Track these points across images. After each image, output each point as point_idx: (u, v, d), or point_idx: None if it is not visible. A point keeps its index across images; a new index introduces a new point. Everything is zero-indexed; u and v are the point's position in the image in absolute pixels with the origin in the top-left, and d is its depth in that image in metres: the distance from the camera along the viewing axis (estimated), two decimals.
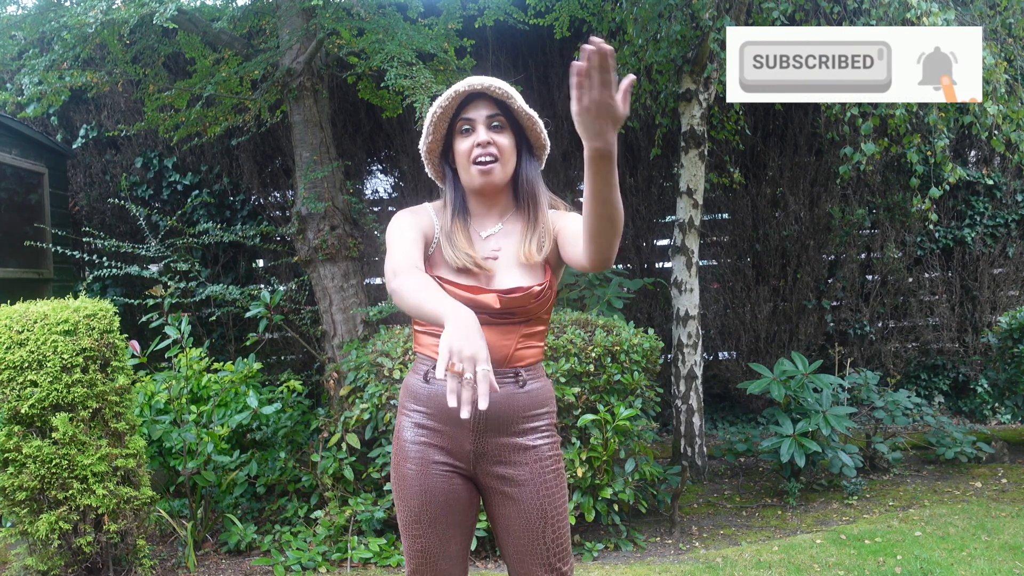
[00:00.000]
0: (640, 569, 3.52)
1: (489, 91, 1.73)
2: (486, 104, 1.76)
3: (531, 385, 1.79)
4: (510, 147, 1.77)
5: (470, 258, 1.73)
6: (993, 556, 3.55)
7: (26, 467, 3.09)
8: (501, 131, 1.76)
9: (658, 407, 4.10)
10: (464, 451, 1.77)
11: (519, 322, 1.76)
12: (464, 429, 1.75)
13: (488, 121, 1.75)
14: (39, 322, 3.15)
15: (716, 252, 6.38)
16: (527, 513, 1.77)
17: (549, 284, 1.77)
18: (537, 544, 1.78)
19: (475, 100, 1.76)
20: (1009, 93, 4.11)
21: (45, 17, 4.12)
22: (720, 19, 4.27)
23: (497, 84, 1.74)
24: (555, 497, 1.80)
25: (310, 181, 4.45)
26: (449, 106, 1.75)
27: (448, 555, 1.78)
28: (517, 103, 1.75)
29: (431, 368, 1.77)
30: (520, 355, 1.78)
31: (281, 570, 3.52)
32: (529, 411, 1.79)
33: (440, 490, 1.76)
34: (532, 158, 1.84)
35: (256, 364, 4.34)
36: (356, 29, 4.33)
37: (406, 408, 1.82)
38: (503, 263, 1.77)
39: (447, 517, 1.77)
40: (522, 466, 1.78)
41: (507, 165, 1.77)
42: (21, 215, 5.39)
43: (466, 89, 1.73)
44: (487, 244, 1.80)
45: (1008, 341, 5.41)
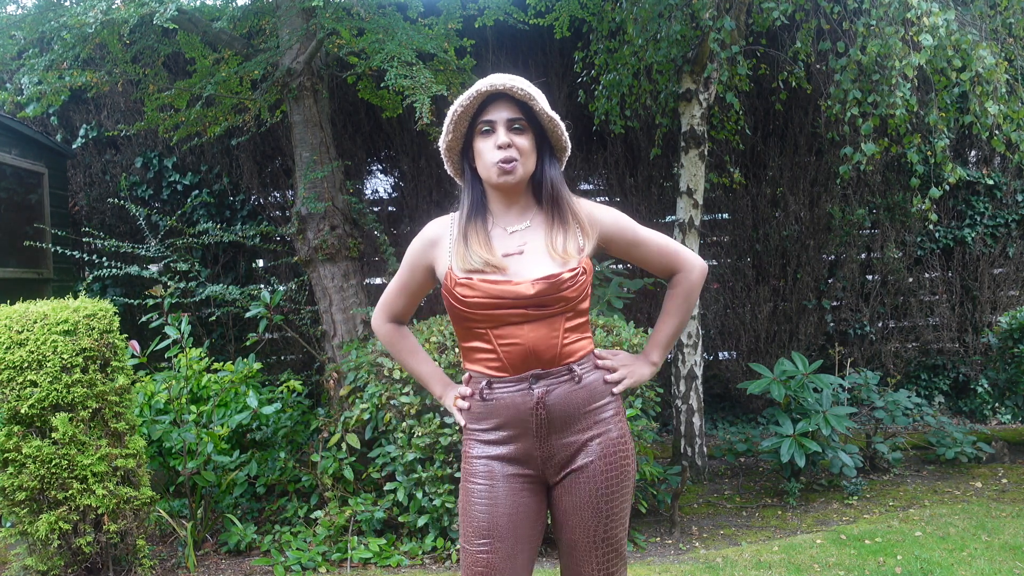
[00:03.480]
0: (640, 569, 3.52)
1: (511, 92, 1.72)
2: (507, 105, 1.75)
3: (587, 378, 1.78)
4: (530, 148, 1.76)
5: (483, 260, 1.73)
6: (993, 556, 3.55)
7: (26, 467, 3.09)
8: (522, 132, 1.75)
9: (658, 407, 4.09)
10: (533, 457, 1.76)
11: (558, 313, 1.73)
12: (529, 435, 1.74)
13: (509, 124, 1.74)
14: (39, 322, 3.15)
15: (716, 252, 6.38)
16: (582, 507, 1.76)
17: (583, 267, 1.75)
18: (589, 543, 1.77)
19: (496, 100, 1.75)
20: (1009, 93, 4.11)
21: (45, 17, 4.12)
22: (720, 19, 4.27)
23: (520, 85, 1.73)
24: (614, 494, 1.78)
25: (310, 181, 4.45)
26: (470, 105, 1.74)
27: (515, 570, 1.75)
28: (539, 105, 1.74)
29: (485, 384, 1.76)
30: (570, 349, 1.76)
31: (281, 570, 3.52)
32: (590, 406, 1.77)
33: (509, 504, 1.74)
34: (553, 159, 1.84)
35: (256, 364, 4.34)
36: (356, 29, 4.32)
37: (469, 429, 1.82)
38: (529, 257, 1.76)
39: (515, 532, 1.74)
40: (585, 457, 1.76)
41: (527, 164, 1.77)
42: (21, 215, 5.38)
43: (487, 89, 1.72)
44: (513, 240, 1.79)
45: (1008, 341, 5.41)
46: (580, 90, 5.71)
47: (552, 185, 1.81)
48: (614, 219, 1.86)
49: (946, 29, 3.81)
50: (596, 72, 5.43)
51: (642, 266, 1.91)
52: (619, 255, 1.89)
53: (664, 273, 1.92)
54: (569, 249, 1.75)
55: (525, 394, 1.72)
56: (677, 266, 1.89)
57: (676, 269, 1.90)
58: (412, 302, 1.94)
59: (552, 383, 1.74)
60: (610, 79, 5.19)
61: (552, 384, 1.74)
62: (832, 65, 4.32)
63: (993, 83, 3.95)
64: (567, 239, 1.77)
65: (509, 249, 1.77)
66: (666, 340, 1.93)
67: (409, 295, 1.92)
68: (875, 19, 3.95)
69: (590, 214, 1.84)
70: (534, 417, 1.73)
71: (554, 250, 1.74)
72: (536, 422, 1.73)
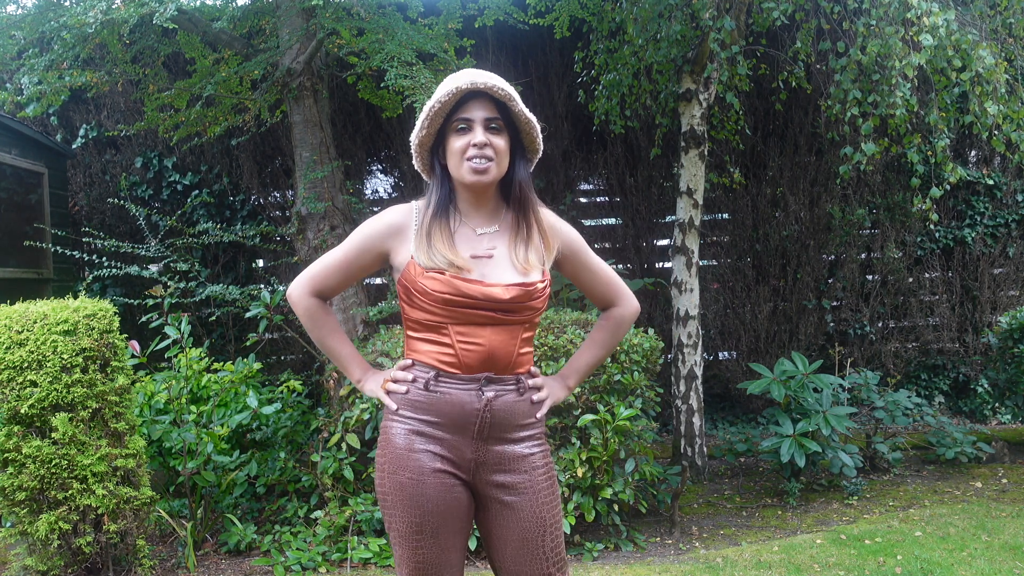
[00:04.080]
0: (640, 569, 3.52)
1: (491, 91, 1.70)
2: (485, 104, 1.72)
3: (526, 394, 1.80)
4: (505, 148, 1.74)
5: (446, 260, 1.70)
6: (993, 556, 3.55)
7: (26, 467, 3.09)
8: (498, 133, 1.73)
9: (658, 407, 4.09)
10: (465, 459, 1.75)
11: (520, 322, 1.75)
12: (467, 437, 1.74)
13: (486, 123, 1.72)
14: (39, 322, 3.15)
15: (716, 252, 6.38)
16: (525, 522, 1.76)
17: (546, 279, 1.78)
18: (536, 553, 1.77)
19: (474, 98, 1.72)
20: (1009, 93, 4.11)
21: (45, 17, 4.12)
22: (720, 19, 4.27)
23: (499, 84, 1.70)
24: (552, 505, 1.80)
25: (310, 181, 4.45)
26: (448, 102, 1.71)
27: (450, 564, 1.76)
28: (518, 107, 1.72)
29: (432, 376, 1.74)
30: (520, 361, 1.78)
31: (281, 570, 3.52)
32: (525, 419, 1.79)
33: (441, 499, 1.73)
34: (524, 161, 1.82)
35: (256, 364, 4.34)
36: (356, 29, 4.33)
37: (400, 415, 1.78)
38: (498, 261, 1.75)
39: (448, 525, 1.74)
40: (519, 474, 1.78)
41: (502, 165, 1.75)
42: (21, 215, 5.38)
43: (467, 87, 1.69)
44: (481, 242, 1.77)
45: (1008, 341, 5.41)
46: (580, 90, 5.71)
47: (521, 188, 1.80)
48: (574, 237, 1.88)
49: (946, 29, 3.81)
50: (596, 72, 5.43)
51: (582, 290, 1.95)
52: (565, 274, 1.91)
53: (601, 304, 1.96)
54: (531, 259, 1.75)
55: (475, 394, 1.72)
56: (615, 300, 1.95)
57: (614, 303, 1.95)
58: (346, 282, 1.87)
59: (501, 390, 1.74)
60: (610, 79, 5.19)
61: (501, 391, 1.74)
62: (832, 65, 4.32)
63: (993, 83, 3.95)
64: (529, 249, 1.77)
65: (478, 251, 1.75)
66: (585, 368, 1.97)
67: (347, 274, 1.84)
68: (875, 19, 3.95)
69: (552, 226, 1.84)
70: (479, 419, 1.73)
71: (516, 258, 1.74)
72: (479, 424, 1.73)
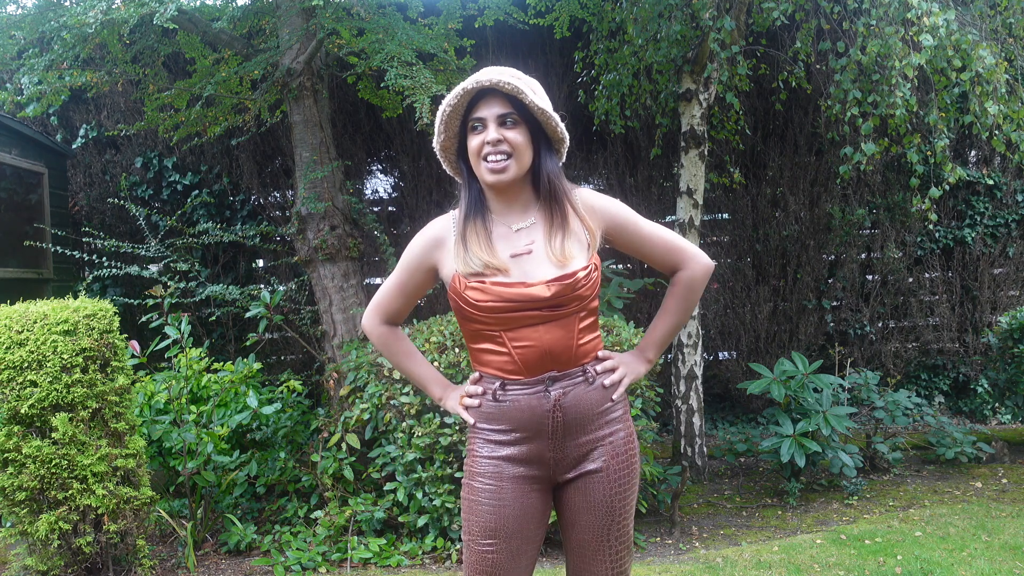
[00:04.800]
0: (640, 569, 3.52)
1: (499, 87, 1.66)
2: (498, 101, 1.69)
3: (600, 379, 1.76)
4: (524, 142, 1.70)
5: (482, 262, 1.68)
6: (993, 556, 3.54)
7: (26, 467, 3.09)
8: (514, 127, 1.70)
9: (658, 407, 4.09)
10: (545, 459, 1.74)
11: (573, 313, 1.71)
12: (543, 439, 1.73)
13: (499, 119, 1.69)
14: (39, 322, 3.15)
15: (716, 252, 6.37)
16: (595, 507, 1.76)
17: (594, 264, 1.73)
18: (601, 541, 1.76)
19: (487, 96, 1.70)
20: (1009, 93, 4.11)
21: (45, 17, 4.12)
22: (720, 19, 4.27)
23: (507, 79, 1.67)
24: (625, 493, 1.78)
25: (310, 181, 4.45)
26: (459, 104, 1.70)
27: (518, 568, 1.75)
28: (528, 98, 1.67)
29: (498, 386, 1.73)
30: (584, 350, 1.74)
31: (281, 570, 3.52)
32: (602, 406, 1.77)
33: (517, 504, 1.73)
34: (551, 152, 1.77)
35: (256, 364, 4.34)
36: (356, 29, 4.32)
37: (478, 428, 1.79)
38: (538, 256, 1.71)
39: (521, 532, 1.73)
40: (598, 460, 1.76)
41: (522, 160, 1.71)
42: (21, 215, 5.38)
43: (474, 87, 1.67)
44: (519, 238, 1.74)
45: (1008, 341, 5.41)
46: (580, 90, 5.71)
47: (550, 180, 1.75)
48: (617, 211, 1.81)
49: (946, 29, 3.81)
50: (596, 72, 5.43)
51: (644, 260, 1.88)
52: (621, 249, 1.85)
53: (667, 269, 1.86)
54: (569, 250, 1.70)
55: (542, 397, 1.71)
56: (681, 263, 1.83)
57: (680, 266, 1.83)
58: (409, 303, 1.88)
59: (568, 385, 1.72)
60: (610, 79, 5.19)
61: (568, 386, 1.72)
62: (832, 65, 4.32)
63: (993, 83, 3.95)
64: (565, 239, 1.72)
65: (517, 248, 1.72)
66: (662, 338, 1.89)
67: (407, 296, 1.86)
68: (875, 19, 3.95)
69: (592, 206, 1.79)
70: (551, 420, 1.72)
71: (552, 251, 1.70)
72: (552, 425, 1.72)
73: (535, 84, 1.76)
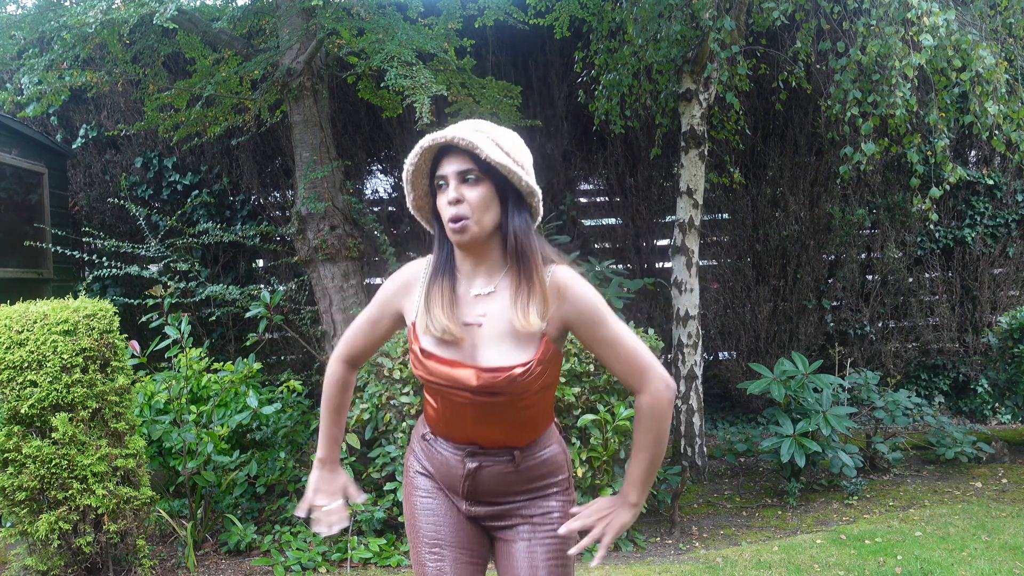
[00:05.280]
0: (640, 569, 3.52)
1: (453, 143, 1.55)
2: (459, 157, 1.58)
3: (529, 463, 1.70)
4: (485, 199, 1.58)
5: (442, 327, 1.60)
6: (993, 556, 3.54)
7: (26, 467, 3.09)
8: (476, 184, 1.57)
9: None
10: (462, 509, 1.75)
11: (508, 403, 1.62)
12: (457, 495, 1.73)
13: (460, 176, 1.57)
14: (39, 322, 3.15)
15: (716, 252, 6.38)
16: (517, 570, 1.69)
17: (539, 360, 1.58)
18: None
19: (450, 152, 1.59)
20: (1009, 93, 4.11)
21: (45, 17, 4.12)
22: (720, 19, 4.27)
23: (463, 134, 1.55)
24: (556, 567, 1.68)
25: (310, 181, 4.45)
26: (420, 163, 1.62)
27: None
28: (484, 153, 1.54)
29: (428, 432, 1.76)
30: (514, 436, 1.68)
31: (281, 570, 3.52)
32: (525, 485, 1.71)
33: (452, 516, 1.73)
34: (520, 208, 1.62)
35: (256, 364, 4.34)
36: (356, 29, 4.32)
37: (413, 449, 1.80)
38: (488, 331, 1.61)
39: (461, 543, 1.72)
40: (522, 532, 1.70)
41: (484, 219, 1.58)
42: (21, 215, 5.38)
43: (429, 144, 1.57)
44: (475, 306, 1.63)
45: (1008, 341, 5.41)
46: (580, 90, 5.71)
47: (516, 238, 1.60)
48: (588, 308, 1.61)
49: (946, 29, 3.81)
50: (596, 72, 5.43)
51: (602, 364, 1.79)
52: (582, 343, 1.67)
53: (626, 385, 1.67)
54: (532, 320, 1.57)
55: (459, 460, 1.70)
56: (643, 384, 1.63)
57: (640, 388, 1.64)
58: (374, 343, 1.79)
59: (489, 462, 1.68)
60: (610, 79, 5.19)
61: (488, 463, 1.68)
62: (832, 65, 4.32)
63: (993, 83, 3.95)
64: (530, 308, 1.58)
65: (469, 318, 1.63)
66: (643, 477, 1.67)
67: (371, 337, 1.78)
68: (875, 19, 3.95)
69: (561, 291, 1.60)
70: (463, 484, 1.71)
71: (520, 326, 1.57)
72: (464, 489, 1.71)
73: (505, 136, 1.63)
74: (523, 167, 1.62)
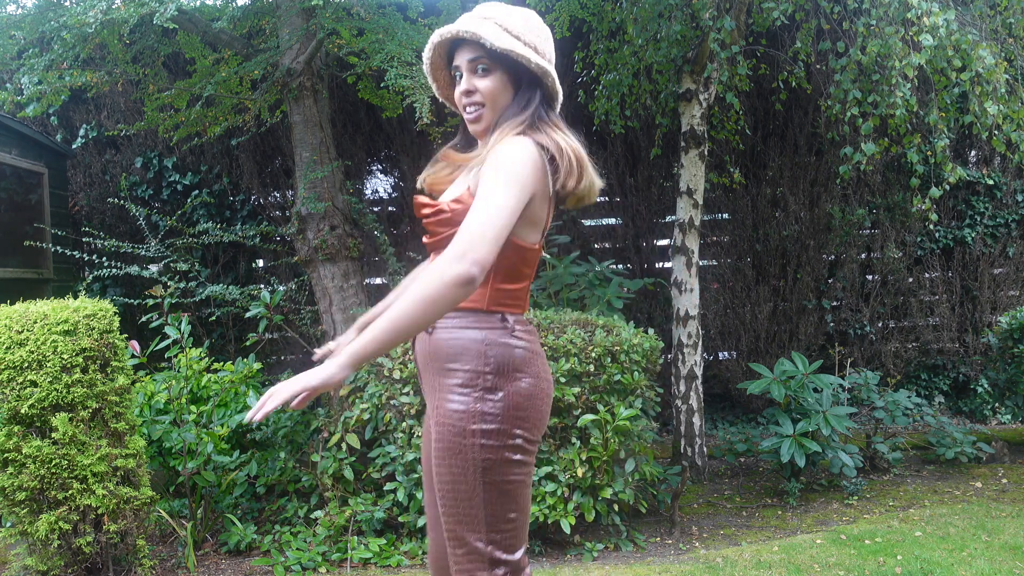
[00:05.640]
0: (640, 569, 3.52)
1: (456, 35, 1.61)
2: (470, 46, 1.63)
3: (439, 334, 1.60)
4: (497, 88, 1.63)
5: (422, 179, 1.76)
6: (993, 556, 3.55)
7: (26, 467, 3.09)
8: (486, 74, 1.63)
9: (658, 407, 4.09)
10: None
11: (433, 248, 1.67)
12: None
13: (472, 65, 1.63)
14: (39, 322, 3.15)
15: (716, 252, 6.38)
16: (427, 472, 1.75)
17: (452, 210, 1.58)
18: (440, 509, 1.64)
19: (463, 42, 1.64)
20: (1009, 93, 4.11)
21: (45, 17, 4.12)
22: (720, 19, 4.27)
23: (467, 26, 1.59)
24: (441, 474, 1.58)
25: (310, 181, 4.45)
26: (435, 58, 1.69)
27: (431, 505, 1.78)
28: (489, 41, 1.56)
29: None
30: None
31: (281, 570, 3.52)
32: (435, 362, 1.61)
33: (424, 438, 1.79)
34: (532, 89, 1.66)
35: (256, 364, 4.34)
36: (356, 29, 4.32)
37: None
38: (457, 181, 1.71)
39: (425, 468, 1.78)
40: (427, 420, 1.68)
41: (497, 107, 1.64)
42: (21, 215, 5.38)
43: (438, 40, 1.64)
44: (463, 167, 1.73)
45: (1008, 341, 5.41)
46: (580, 90, 5.71)
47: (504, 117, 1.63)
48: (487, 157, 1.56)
49: (946, 29, 3.81)
50: (596, 72, 5.43)
51: None
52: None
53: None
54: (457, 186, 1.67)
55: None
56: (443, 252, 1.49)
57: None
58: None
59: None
60: (610, 79, 5.19)
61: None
62: (832, 65, 4.32)
63: (993, 83, 3.95)
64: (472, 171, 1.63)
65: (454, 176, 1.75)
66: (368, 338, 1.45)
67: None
68: (875, 19, 3.95)
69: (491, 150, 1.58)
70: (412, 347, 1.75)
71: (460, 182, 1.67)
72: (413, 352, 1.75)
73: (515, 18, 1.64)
74: (536, 48, 1.65)
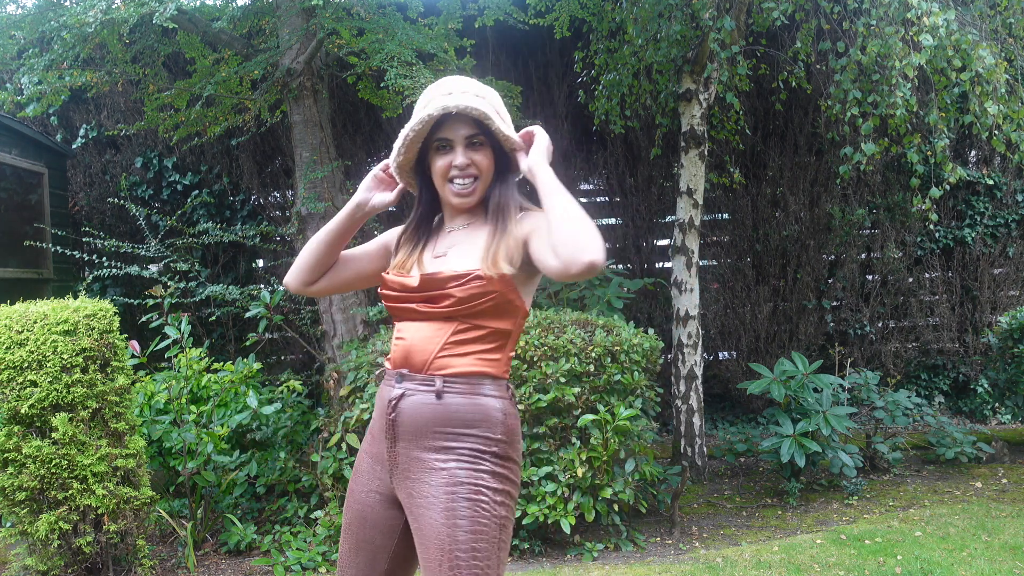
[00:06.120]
0: (640, 569, 3.52)
1: (467, 112, 1.60)
2: (464, 122, 1.64)
3: (452, 399, 1.59)
4: (489, 163, 1.68)
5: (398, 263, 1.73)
6: (993, 556, 3.55)
7: (26, 467, 3.09)
8: (480, 148, 1.66)
9: (658, 407, 4.09)
10: (384, 459, 1.67)
11: (447, 317, 1.60)
12: (383, 433, 1.66)
13: (467, 140, 1.65)
14: (39, 322, 3.15)
15: (716, 252, 6.38)
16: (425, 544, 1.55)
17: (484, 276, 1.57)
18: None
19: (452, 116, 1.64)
20: (1009, 93, 4.11)
21: (45, 17, 4.12)
22: (720, 19, 4.27)
23: (475, 104, 1.60)
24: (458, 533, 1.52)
25: (310, 181, 4.45)
26: (422, 130, 1.65)
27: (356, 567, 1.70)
28: (495, 125, 1.62)
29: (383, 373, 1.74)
30: (444, 362, 1.60)
31: (281, 570, 3.52)
32: (444, 427, 1.59)
33: (359, 500, 1.71)
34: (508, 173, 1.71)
35: (256, 364, 4.34)
36: (356, 29, 4.32)
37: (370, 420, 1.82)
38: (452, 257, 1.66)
39: (360, 532, 1.69)
40: (428, 487, 1.57)
41: (486, 182, 1.69)
42: (21, 215, 5.38)
43: (438, 113, 1.61)
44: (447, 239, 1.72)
45: (1008, 341, 5.41)
46: (580, 90, 5.71)
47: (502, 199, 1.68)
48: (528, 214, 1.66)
49: (946, 29, 3.81)
50: (596, 72, 5.43)
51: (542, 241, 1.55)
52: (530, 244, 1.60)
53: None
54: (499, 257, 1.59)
55: (390, 391, 1.66)
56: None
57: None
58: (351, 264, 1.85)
59: (412, 389, 1.62)
60: (610, 79, 5.19)
61: (411, 389, 1.62)
62: (832, 65, 4.32)
63: (993, 83, 3.95)
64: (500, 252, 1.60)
65: (439, 250, 1.71)
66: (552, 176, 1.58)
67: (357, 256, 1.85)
68: (875, 19, 3.95)
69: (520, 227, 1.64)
70: (385, 417, 1.65)
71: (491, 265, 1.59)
72: (386, 423, 1.64)
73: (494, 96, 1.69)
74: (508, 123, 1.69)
